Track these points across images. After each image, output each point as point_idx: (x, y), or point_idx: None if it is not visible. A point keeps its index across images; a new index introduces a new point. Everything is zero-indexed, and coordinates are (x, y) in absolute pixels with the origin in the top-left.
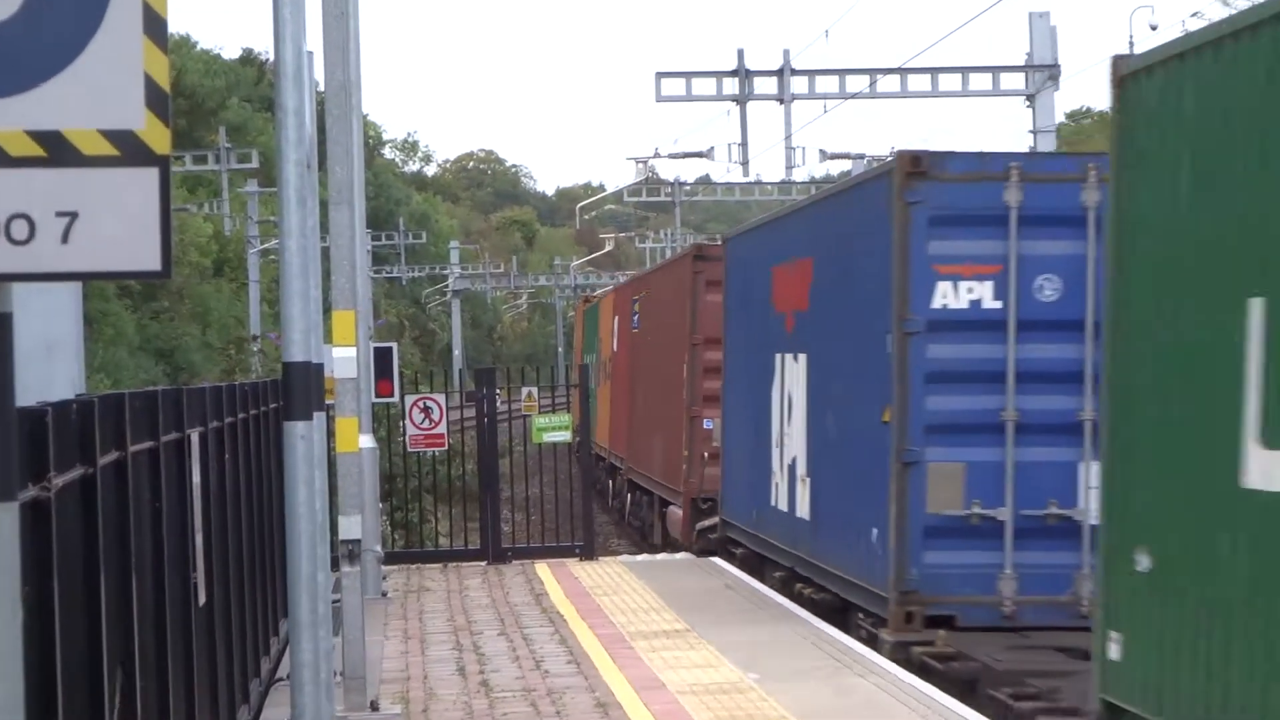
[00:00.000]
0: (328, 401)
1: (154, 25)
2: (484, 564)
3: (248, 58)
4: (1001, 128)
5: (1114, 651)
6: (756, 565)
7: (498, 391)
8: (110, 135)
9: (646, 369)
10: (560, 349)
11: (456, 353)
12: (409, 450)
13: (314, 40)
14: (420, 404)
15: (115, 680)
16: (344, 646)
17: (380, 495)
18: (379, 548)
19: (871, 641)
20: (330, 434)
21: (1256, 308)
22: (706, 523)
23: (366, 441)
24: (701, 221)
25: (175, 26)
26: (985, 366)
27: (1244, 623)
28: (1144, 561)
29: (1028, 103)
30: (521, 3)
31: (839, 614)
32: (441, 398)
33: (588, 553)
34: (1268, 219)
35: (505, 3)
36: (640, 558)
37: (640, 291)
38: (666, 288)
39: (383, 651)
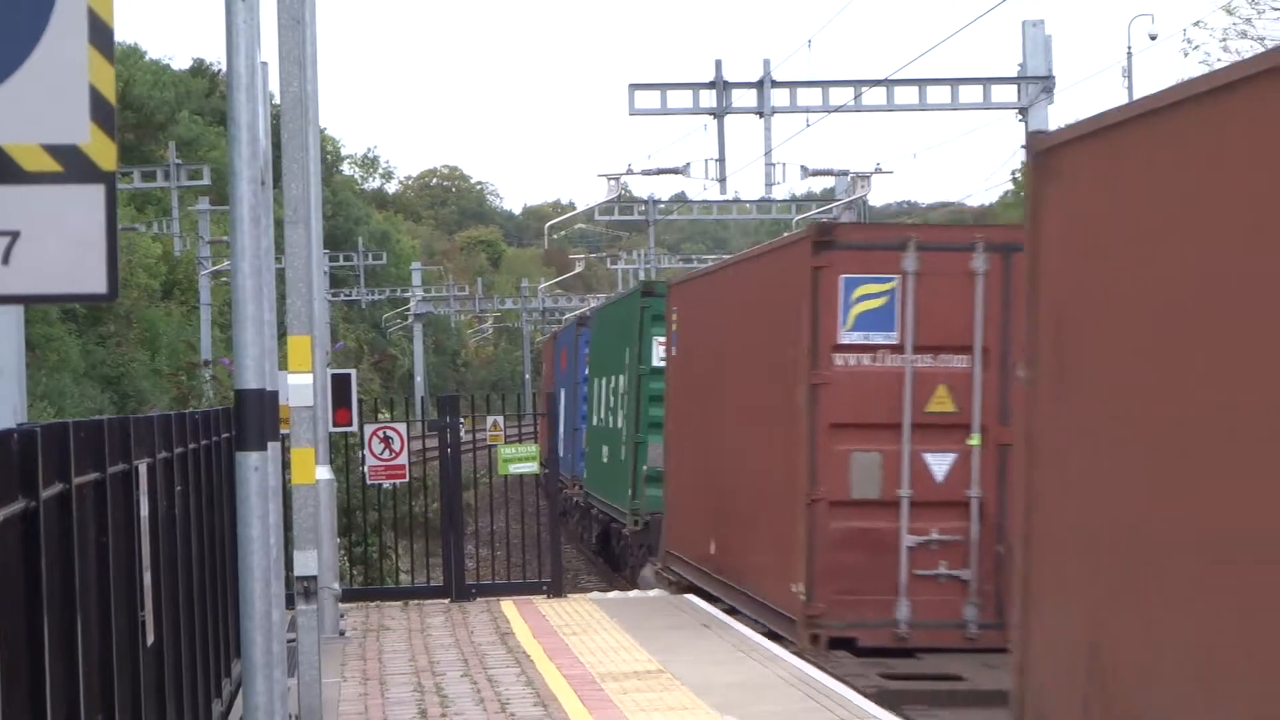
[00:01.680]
0: (283, 431)
1: (100, 35)
2: (447, 601)
3: (199, 69)
4: (994, 142)
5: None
6: (585, 503)
7: (462, 420)
8: (53, 150)
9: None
10: (528, 376)
11: (418, 379)
12: (368, 482)
13: (269, 50)
14: (380, 433)
15: None
16: (299, 688)
17: (338, 529)
18: (336, 585)
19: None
20: (285, 465)
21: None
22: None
23: (323, 473)
24: (677, 241)
25: (122, 36)
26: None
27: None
28: (604, 455)
29: (1020, 116)
30: (488, 12)
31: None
32: (402, 427)
33: (556, 590)
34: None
35: (470, 12)
36: (611, 595)
37: (552, 345)
38: (552, 347)
39: (340, 694)
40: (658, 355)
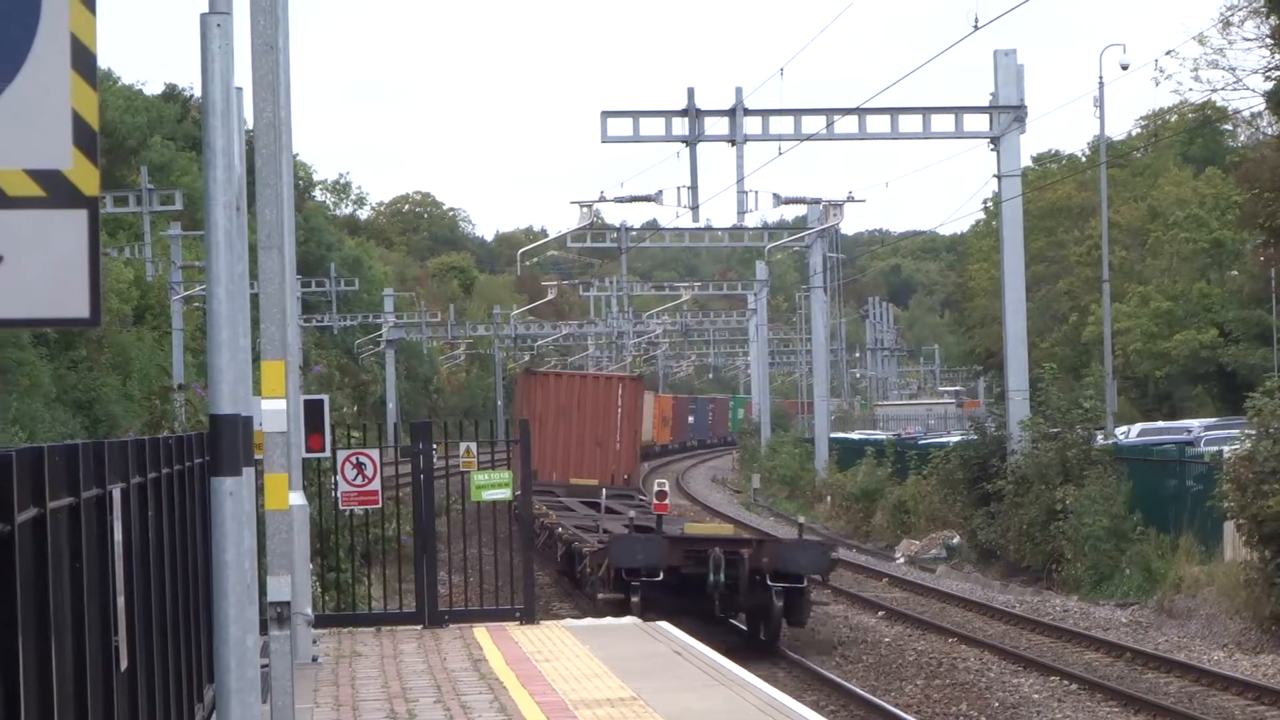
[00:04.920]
0: (256, 456)
1: (82, 60)
2: (419, 628)
3: (171, 93)
4: (966, 170)
5: None
6: None
7: (434, 447)
8: (36, 175)
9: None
10: (500, 402)
11: (391, 405)
12: (341, 508)
13: (242, 76)
14: (353, 459)
15: None
16: (273, 714)
17: (310, 555)
18: (309, 610)
19: None
20: (259, 490)
21: None
22: None
23: (297, 498)
24: (649, 268)
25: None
26: None
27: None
28: None
29: (992, 146)
30: (460, 39)
31: None
32: (375, 453)
33: (528, 616)
34: None
35: (442, 39)
36: (584, 622)
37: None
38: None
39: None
40: None
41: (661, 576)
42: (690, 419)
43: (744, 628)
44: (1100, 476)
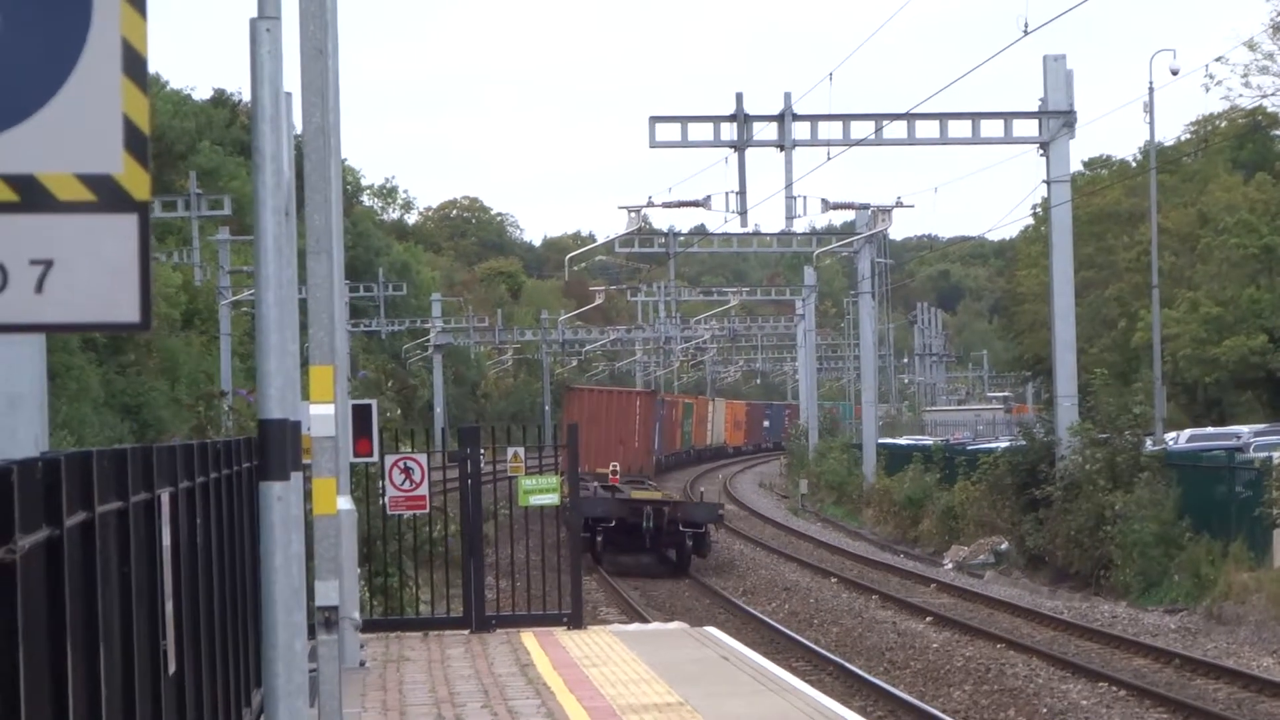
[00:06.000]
0: (304, 461)
1: (133, 64)
2: (467, 633)
3: (220, 99)
4: (1015, 175)
5: None
6: None
7: (482, 452)
8: (87, 180)
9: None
10: (547, 407)
11: (438, 410)
12: (389, 513)
13: (291, 81)
14: (400, 464)
15: None
16: (320, 718)
17: (358, 559)
18: (357, 615)
19: None
20: (306, 495)
21: None
22: None
23: (344, 503)
24: (697, 273)
25: None
26: None
27: None
28: None
29: (1041, 151)
30: (508, 44)
31: None
32: (423, 458)
33: (576, 621)
34: None
35: (490, 43)
36: (631, 627)
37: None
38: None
39: None
40: None
41: (614, 523)
42: (766, 423)
43: (674, 559)
44: (1149, 482)
